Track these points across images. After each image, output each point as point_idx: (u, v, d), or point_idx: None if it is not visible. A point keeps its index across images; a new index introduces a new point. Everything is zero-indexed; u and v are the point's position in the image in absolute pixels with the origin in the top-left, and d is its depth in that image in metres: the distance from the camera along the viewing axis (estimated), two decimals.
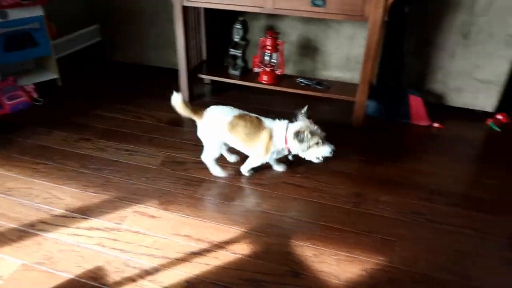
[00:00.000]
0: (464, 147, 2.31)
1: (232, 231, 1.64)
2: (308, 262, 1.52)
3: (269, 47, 2.51)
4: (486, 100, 2.57)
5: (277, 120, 1.86)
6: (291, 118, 1.87)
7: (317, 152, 1.79)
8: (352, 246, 1.59)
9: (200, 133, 1.92)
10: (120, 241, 1.58)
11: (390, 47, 2.51)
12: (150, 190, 1.86)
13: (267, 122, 1.85)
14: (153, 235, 1.61)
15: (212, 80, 2.97)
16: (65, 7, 3.07)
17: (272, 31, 2.51)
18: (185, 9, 2.44)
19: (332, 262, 1.52)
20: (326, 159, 1.83)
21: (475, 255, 1.57)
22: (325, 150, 1.79)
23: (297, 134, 1.74)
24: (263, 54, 2.56)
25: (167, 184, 1.90)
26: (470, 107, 2.62)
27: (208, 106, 2.67)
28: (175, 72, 2.68)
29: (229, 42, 2.65)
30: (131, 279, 1.41)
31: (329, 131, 2.36)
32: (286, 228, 1.67)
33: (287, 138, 1.80)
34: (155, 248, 1.55)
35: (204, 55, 2.89)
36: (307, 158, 1.84)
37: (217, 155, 1.93)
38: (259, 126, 1.83)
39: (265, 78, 2.59)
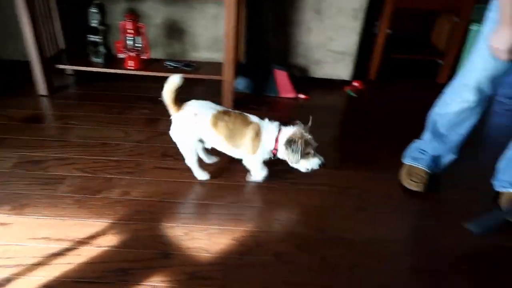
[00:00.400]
0: (327, 114, 2.51)
1: (97, 225, 1.56)
2: (178, 241, 1.52)
3: (130, 31, 2.41)
4: (342, 69, 2.82)
5: (266, 119, 1.71)
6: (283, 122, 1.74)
7: (305, 163, 1.66)
8: (222, 219, 1.63)
9: (175, 130, 1.72)
10: None
11: (252, 25, 2.59)
12: (0, 196, 1.67)
13: (254, 117, 1.70)
14: (4, 244, 1.46)
15: (75, 71, 2.76)
16: None
17: (132, 14, 2.41)
18: None
19: (203, 237, 1.54)
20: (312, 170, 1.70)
21: (332, 208, 1.73)
22: (314, 163, 1.66)
23: (290, 143, 1.60)
24: (126, 39, 2.45)
25: (21, 187, 1.73)
26: (330, 77, 2.85)
27: (72, 98, 2.52)
28: (29, 64, 2.43)
29: (88, 28, 2.48)
30: None
31: None
32: (156, 212, 1.65)
33: (278, 139, 1.66)
34: (7, 257, 1.40)
35: (62, 44, 2.66)
36: (292, 166, 1.70)
37: (195, 156, 1.77)
38: (245, 121, 1.67)
39: (131, 63, 2.49)
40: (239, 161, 1.81)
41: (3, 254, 1.42)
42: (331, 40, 2.71)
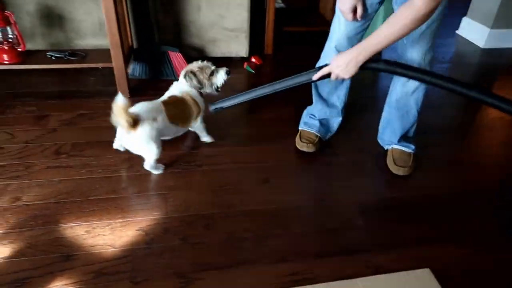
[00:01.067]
0: (229, 92, 2.53)
1: None
2: (80, 241, 1.46)
3: None
4: (238, 46, 2.85)
5: (174, 83, 1.92)
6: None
7: (218, 80, 1.91)
8: (126, 211, 1.60)
9: (137, 142, 1.68)
10: None
11: (137, 6, 2.49)
12: None
13: (176, 90, 1.87)
14: None
15: None
16: None
17: None
18: None
19: (107, 233, 1.50)
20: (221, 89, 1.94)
21: (237, 185, 1.78)
22: (221, 74, 1.91)
23: (186, 76, 1.86)
24: None
25: None
26: (228, 55, 2.87)
27: None
28: None
29: None
30: None
31: (95, 102, 2.28)
32: (53, 214, 1.55)
33: (195, 87, 1.88)
34: None
35: None
36: (210, 90, 1.94)
37: (159, 154, 1.75)
38: (180, 99, 1.84)
39: (5, 57, 2.25)
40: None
41: None
42: (222, 17, 2.71)
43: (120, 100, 1.52)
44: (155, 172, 1.80)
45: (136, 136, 1.64)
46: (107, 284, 1.31)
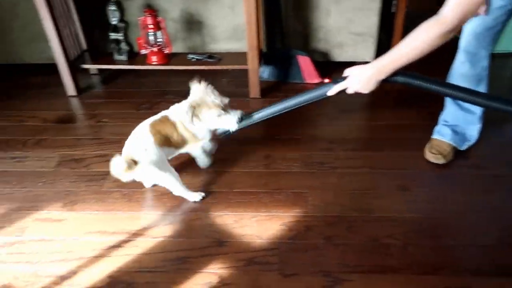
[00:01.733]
0: (352, 98, 2.50)
1: (148, 217, 1.60)
2: (230, 229, 1.54)
3: (151, 26, 2.42)
4: (364, 51, 2.81)
5: (179, 105, 1.63)
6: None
7: (220, 123, 1.57)
8: (268, 205, 1.66)
9: (147, 178, 1.65)
10: (24, 253, 1.44)
11: (270, 11, 2.59)
12: (49, 194, 1.71)
13: (171, 114, 1.61)
14: (62, 239, 1.50)
15: (99, 70, 2.78)
16: None
17: (150, 9, 2.42)
18: None
19: (253, 224, 1.57)
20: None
21: (374, 189, 1.74)
22: (230, 121, 1.55)
23: (190, 110, 1.54)
24: (147, 34, 2.46)
25: (67, 185, 1.76)
26: (353, 60, 2.84)
27: (100, 97, 2.54)
28: (53, 66, 2.45)
29: (108, 27, 2.49)
30: None
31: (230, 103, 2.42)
32: (203, 202, 1.67)
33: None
34: (67, 251, 1.45)
35: (84, 44, 2.67)
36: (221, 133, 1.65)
37: (179, 181, 1.62)
38: (170, 124, 1.59)
39: (154, 58, 2.50)
40: (277, 149, 1.83)
41: (64, 248, 1.46)
42: (351, 22, 2.69)
43: (119, 162, 1.47)
44: (191, 199, 1.66)
45: (136, 175, 1.54)
46: (258, 272, 1.37)
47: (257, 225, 1.56)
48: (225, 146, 2.01)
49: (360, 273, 1.37)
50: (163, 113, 1.65)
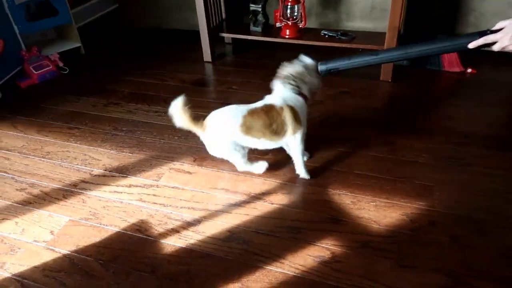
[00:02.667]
0: (497, 91, 2.23)
1: (268, 183, 1.66)
2: (346, 209, 1.52)
3: None
4: None
5: (279, 91, 1.59)
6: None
7: (314, 82, 1.61)
8: (389, 192, 1.58)
9: (213, 149, 1.63)
10: (159, 196, 1.61)
11: None
12: (183, 148, 1.88)
13: (276, 101, 1.55)
14: (191, 189, 1.64)
15: (233, 39, 2.93)
16: None
17: None
18: None
19: (371, 209, 1.52)
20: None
21: (510, 194, 1.54)
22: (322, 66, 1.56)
23: (285, 81, 1.57)
24: (284, 8, 2.49)
25: (199, 142, 1.88)
26: (508, 50, 2.50)
27: (231, 65, 2.68)
28: (194, 34, 2.65)
29: None
30: (175, 230, 1.45)
31: (357, 83, 2.35)
32: (322, 178, 1.67)
33: (299, 92, 1.58)
34: (194, 201, 1.58)
35: (224, 14, 2.82)
36: (318, 86, 1.64)
37: (245, 158, 1.63)
38: (276, 112, 1.53)
39: (287, 32, 2.53)
40: (405, 136, 1.72)
41: (192, 198, 1.60)
42: (511, 6, 2.36)
43: (178, 101, 1.53)
44: (255, 171, 1.67)
45: (203, 138, 1.60)
46: (373, 257, 1.33)
47: (375, 210, 1.51)
48: (346, 126, 1.97)
49: (487, 281, 1.24)
50: (265, 101, 1.59)
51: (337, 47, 2.46)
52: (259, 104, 1.59)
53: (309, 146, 1.83)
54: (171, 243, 1.41)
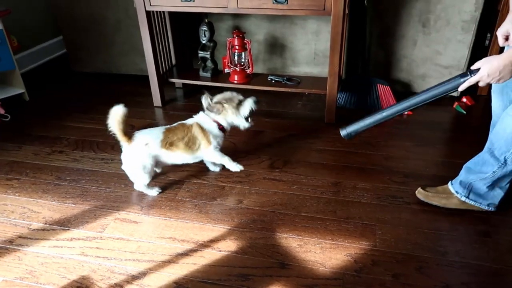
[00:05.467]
0: (433, 131, 2.40)
1: (216, 230, 1.65)
2: (293, 252, 1.54)
3: (237, 47, 2.54)
4: None
5: (195, 115, 1.92)
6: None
7: (243, 110, 1.89)
8: (335, 234, 1.63)
9: (128, 161, 1.78)
10: (103, 249, 1.56)
11: (354, 39, 2.59)
12: (130, 197, 1.85)
13: (189, 120, 1.89)
14: (137, 240, 1.60)
15: (183, 84, 2.97)
16: (25, 19, 3.00)
17: (239, 31, 2.54)
18: (149, 14, 2.43)
19: (317, 251, 1.55)
20: (251, 118, 1.93)
21: (451, 231, 1.64)
22: (248, 103, 1.88)
23: (209, 106, 1.86)
24: (232, 54, 2.58)
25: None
26: None
27: (181, 110, 2.71)
28: (144, 78, 2.66)
29: (198, 45, 2.66)
30: (118, 285, 1.40)
31: (303, 125, 2.44)
32: (269, 221, 1.69)
33: (214, 119, 1.88)
34: (140, 252, 1.54)
35: (173, 59, 2.88)
36: (242, 126, 1.93)
37: (149, 180, 1.82)
38: (186, 127, 1.84)
39: (236, 77, 2.61)
40: (348, 177, 1.79)
41: (137, 249, 1.56)
42: (438, 53, 2.60)
43: (117, 109, 1.69)
44: (149, 193, 1.85)
45: (126, 149, 1.78)
46: None
47: (321, 252, 1.54)
48: (293, 168, 2.03)
49: None
50: (180, 122, 1.89)
51: (284, 91, 2.56)
52: (175, 124, 1.88)
53: (256, 187, 1.86)
54: None
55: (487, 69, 1.34)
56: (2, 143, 2.29)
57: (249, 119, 1.92)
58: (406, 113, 2.57)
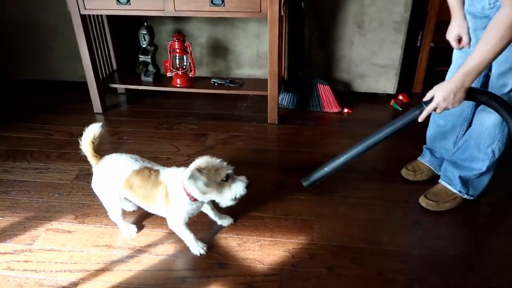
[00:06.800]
0: (372, 128, 2.46)
1: (154, 234, 1.62)
2: (232, 252, 1.54)
3: (178, 50, 2.52)
4: (386, 83, 2.80)
5: (178, 170, 1.48)
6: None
7: (228, 193, 1.39)
8: (274, 231, 1.65)
9: (94, 182, 1.56)
10: (32, 262, 1.48)
11: (293, 41, 2.64)
12: (64, 206, 1.77)
13: (164, 174, 1.47)
14: (70, 250, 1.54)
15: (126, 89, 2.91)
16: None
17: (179, 34, 2.52)
18: (85, 18, 2.36)
19: (256, 248, 1.56)
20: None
21: (386, 222, 1.70)
22: (238, 188, 1.38)
23: (194, 176, 1.33)
24: (174, 58, 2.56)
25: (82, 197, 1.82)
26: (374, 91, 2.84)
27: (124, 115, 2.64)
28: (85, 85, 2.58)
29: (139, 49, 2.61)
30: None
31: (246, 126, 2.46)
32: (209, 223, 1.68)
33: (185, 187, 1.39)
34: (72, 262, 1.48)
35: (114, 64, 2.81)
36: (223, 204, 1.43)
37: (119, 209, 1.57)
38: (156, 181, 1.46)
39: (178, 81, 2.59)
40: (290, 176, 1.82)
41: (70, 259, 1.50)
42: (374, 53, 2.71)
43: (94, 127, 1.51)
44: (121, 230, 1.61)
45: (94, 170, 1.56)
46: None
47: (260, 250, 1.55)
48: (236, 169, 2.03)
49: None
50: (159, 168, 1.51)
51: (227, 93, 2.57)
52: (154, 166, 1.52)
53: None
54: None
55: (441, 94, 1.38)
56: None
57: (235, 199, 1.42)
58: (346, 111, 2.66)
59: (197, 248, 1.52)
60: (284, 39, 2.62)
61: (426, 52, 2.79)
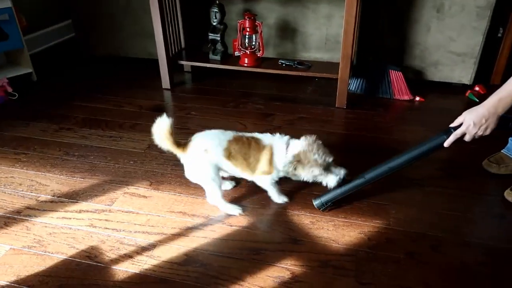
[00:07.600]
0: (446, 118, 2.35)
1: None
2: (305, 229, 1.51)
3: (248, 29, 2.50)
4: (462, 72, 2.64)
5: (277, 135, 1.58)
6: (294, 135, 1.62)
7: (322, 179, 1.53)
8: (347, 212, 1.60)
9: (189, 171, 1.57)
10: (112, 221, 1.53)
11: (367, 24, 2.55)
12: (139, 172, 1.82)
13: (266, 139, 1.56)
14: (146, 213, 1.58)
15: (192, 67, 2.95)
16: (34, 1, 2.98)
17: (250, 13, 2.50)
18: None
19: (330, 228, 1.52)
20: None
21: (466, 213, 1.60)
22: (330, 181, 1.51)
23: (297, 163, 1.49)
24: (243, 37, 2.55)
25: (155, 166, 1.86)
26: (449, 81, 2.69)
27: (191, 92, 2.68)
28: (152, 62, 2.64)
29: (207, 28, 2.63)
30: (128, 256, 1.37)
31: (313, 109, 2.41)
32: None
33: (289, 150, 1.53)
34: (150, 225, 1.51)
35: (183, 42, 2.85)
36: (308, 178, 1.54)
37: (220, 191, 1.57)
38: (258, 147, 1.53)
39: (246, 61, 2.58)
40: (358, 160, 1.76)
41: (147, 222, 1.53)
42: (451, 40, 2.56)
43: (164, 120, 1.50)
44: (228, 212, 1.58)
45: (184, 160, 1.56)
46: (333, 276, 1.32)
47: (334, 230, 1.51)
48: None
49: None
50: (257, 135, 1.58)
51: (294, 75, 2.53)
52: (246, 134, 1.58)
53: None
54: (124, 269, 1.33)
55: (471, 118, 1.29)
56: (10, 120, 2.27)
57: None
58: (418, 99, 2.54)
59: (280, 197, 1.63)
60: (357, 21, 2.53)
61: (510, 39, 2.60)
